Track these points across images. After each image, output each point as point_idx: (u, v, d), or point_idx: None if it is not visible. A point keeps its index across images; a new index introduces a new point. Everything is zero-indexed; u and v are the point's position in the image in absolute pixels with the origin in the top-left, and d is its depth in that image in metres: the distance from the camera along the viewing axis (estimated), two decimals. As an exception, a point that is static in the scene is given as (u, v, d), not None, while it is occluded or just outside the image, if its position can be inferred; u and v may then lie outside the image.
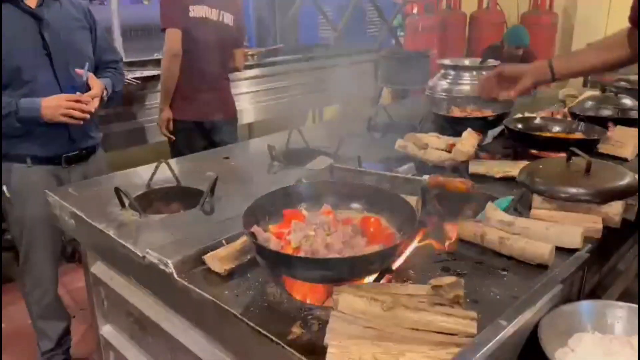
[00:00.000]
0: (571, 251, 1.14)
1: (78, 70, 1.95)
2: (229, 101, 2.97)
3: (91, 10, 2.10)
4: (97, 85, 1.98)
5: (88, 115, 1.91)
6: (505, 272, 1.10)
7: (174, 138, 2.80)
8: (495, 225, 1.22)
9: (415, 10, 5.26)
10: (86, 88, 1.96)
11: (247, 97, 3.76)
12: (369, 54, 4.76)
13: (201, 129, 2.82)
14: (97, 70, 2.11)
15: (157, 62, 4.02)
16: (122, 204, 1.40)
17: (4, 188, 1.98)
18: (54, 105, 1.86)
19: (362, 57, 4.68)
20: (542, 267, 1.10)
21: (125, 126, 3.12)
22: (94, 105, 1.94)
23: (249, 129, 4.26)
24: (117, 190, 1.39)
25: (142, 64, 3.68)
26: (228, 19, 2.78)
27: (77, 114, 1.88)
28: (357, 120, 2.27)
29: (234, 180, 1.64)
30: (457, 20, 5.21)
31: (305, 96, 4.19)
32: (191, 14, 2.63)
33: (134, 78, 3.05)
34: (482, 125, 1.90)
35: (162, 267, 1.13)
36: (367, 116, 2.23)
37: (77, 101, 1.88)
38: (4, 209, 2.06)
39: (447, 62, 2.40)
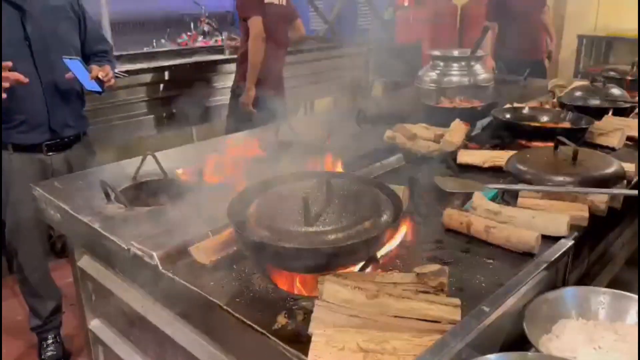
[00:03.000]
0: (558, 239, 1.15)
1: (67, 76, 1.97)
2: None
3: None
4: (95, 69, 2.00)
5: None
6: (491, 261, 1.10)
7: (255, 112, 3.02)
8: (482, 214, 1.22)
9: (406, 3, 5.25)
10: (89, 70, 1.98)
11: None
12: (361, 47, 4.74)
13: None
14: (88, 59, 2.12)
15: (146, 55, 4.02)
16: (108, 197, 1.39)
17: None
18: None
19: (353, 50, 4.66)
20: (528, 255, 1.10)
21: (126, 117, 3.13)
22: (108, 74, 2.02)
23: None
24: (103, 184, 1.38)
25: (132, 57, 3.66)
26: None
27: None
28: (347, 112, 2.26)
29: (222, 172, 1.63)
30: (449, 12, 5.21)
31: (296, 88, 4.17)
32: (266, 0, 2.97)
33: (121, 71, 3.02)
34: (470, 115, 1.90)
35: (147, 259, 1.12)
36: (358, 108, 2.22)
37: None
38: None
39: (436, 53, 2.39)
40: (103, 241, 1.25)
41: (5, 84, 1.78)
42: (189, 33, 7.71)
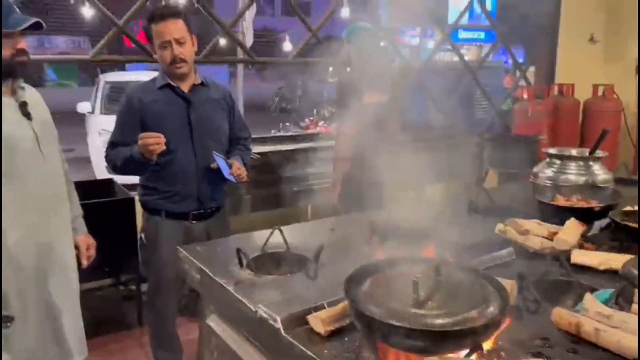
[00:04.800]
0: (677, 352, 1.11)
1: (212, 165, 2.31)
2: None
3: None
4: (236, 164, 2.33)
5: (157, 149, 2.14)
6: (600, 365, 1.09)
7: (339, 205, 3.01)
8: (593, 316, 1.22)
9: (525, 96, 5.27)
10: (229, 164, 2.31)
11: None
12: (476, 136, 4.81)
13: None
14: (230, 143, 2.48)
15: (273, 139, 4.46)
16: (241, 264, 1.59)
17: (142, 235, 2.34)
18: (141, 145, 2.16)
19: (468, 139, 4.74)
20: (641, 363, 1.08)
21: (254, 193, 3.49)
22: (243, 171, 2.32)
23: (352, 203, 4.45)
24: (238, 251, 1.59)
25: (262, 140, 4.10)
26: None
27: (150, 146, 2.13)
28: (459, 201, 2.34)
29: (337, 250, 1.77)
30: (570, 107, 5.11)
31: (408, 174, 4.31)
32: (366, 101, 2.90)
33: (254, 153, 3.40)
34: (587, 215, 1.88)
35: (271, 322, 1.27)
36: (470, 198, 2.29)
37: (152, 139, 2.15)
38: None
39: (552, 151, 2.42)
40: (234, 302, 1.43)
41: (158, 154, 2.16)
42: (311, 117, 8.41)
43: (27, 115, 1.83)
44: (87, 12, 8.62)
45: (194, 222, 2.37)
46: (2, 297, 1.74)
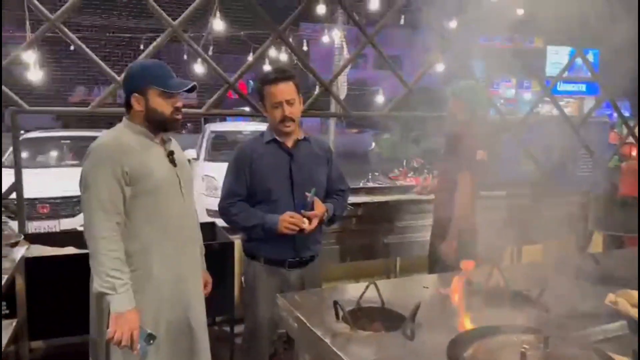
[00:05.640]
0: None
1: (306, 193, 2.42)
2: None
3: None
4: (319, 208, 2.43)
5: (298, 230, 2.35)
6: None
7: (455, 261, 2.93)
8: None
9: (634, 153, 4.95)
10: (311, 207, 2.41)
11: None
12: (578, 195, 4.55)
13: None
14: (327, 194, 2.57)
15: (365, 190, 4.51)
16: (337, 316, 1.62)
17: (242, 278, 2.55)
18: (282, 220, 2.35)
19: (569, 197, 4.49)
20: None
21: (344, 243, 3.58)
22: (314, 224, 2.38)
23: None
24: (335, 304, 1.62)
25: (353, 191, 4.16)
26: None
27: (292, 228, 2.35)
28: (561, 265, 2.22)
29: (432, 310, 1.75)
30: (687, 166, 4.71)
31: (502, 233, 4.14)
32: (478, 157, 2.97)
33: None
34: None
35: (368, 380, 1.28)
36: (573, 262, 2.17)
37: (296, 219, 2.35)
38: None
39: (668, 217, 2.24)
40: (330, 355, 1.45)
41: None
42: (400, 168, 8.42)
43: (173, 162, 2.12)
44: (199, 68, 9.39)
45: (289, 269, 2.46)
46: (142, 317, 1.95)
